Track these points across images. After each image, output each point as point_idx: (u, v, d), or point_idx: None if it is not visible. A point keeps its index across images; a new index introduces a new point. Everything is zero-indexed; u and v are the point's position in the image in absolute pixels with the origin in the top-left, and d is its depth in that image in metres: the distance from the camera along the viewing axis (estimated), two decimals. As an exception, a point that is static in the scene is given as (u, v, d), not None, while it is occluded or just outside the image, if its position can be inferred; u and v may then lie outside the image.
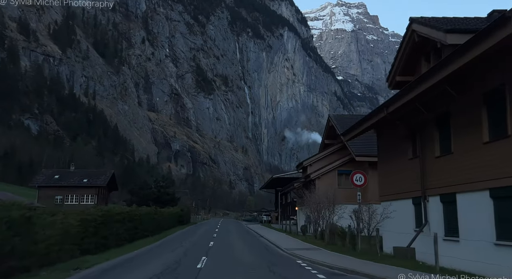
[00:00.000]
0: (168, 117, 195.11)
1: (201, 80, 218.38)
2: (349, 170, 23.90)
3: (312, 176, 29.67)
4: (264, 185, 70.40)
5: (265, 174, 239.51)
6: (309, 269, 11.71)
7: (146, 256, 15.05)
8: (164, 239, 24.18)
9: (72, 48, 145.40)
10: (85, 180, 56.27)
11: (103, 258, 13.39)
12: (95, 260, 12.59)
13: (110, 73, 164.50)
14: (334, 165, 29.87)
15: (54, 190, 53.93)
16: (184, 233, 30.85)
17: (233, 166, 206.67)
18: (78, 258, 12.46)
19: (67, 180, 56.04)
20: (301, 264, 12.79)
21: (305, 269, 11.82)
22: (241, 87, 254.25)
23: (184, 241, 22.22)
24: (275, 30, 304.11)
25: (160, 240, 23.00)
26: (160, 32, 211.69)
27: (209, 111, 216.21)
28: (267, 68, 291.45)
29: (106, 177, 58.24)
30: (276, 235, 28.03)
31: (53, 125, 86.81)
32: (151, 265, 12.28)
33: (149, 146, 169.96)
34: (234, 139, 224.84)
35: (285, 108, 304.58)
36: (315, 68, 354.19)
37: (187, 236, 26.43)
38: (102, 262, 12.45)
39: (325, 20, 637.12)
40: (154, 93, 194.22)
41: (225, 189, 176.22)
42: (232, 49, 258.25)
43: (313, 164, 31.85)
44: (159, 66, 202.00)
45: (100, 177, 57.72)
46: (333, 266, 11.77)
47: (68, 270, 10.47)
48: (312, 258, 13.69)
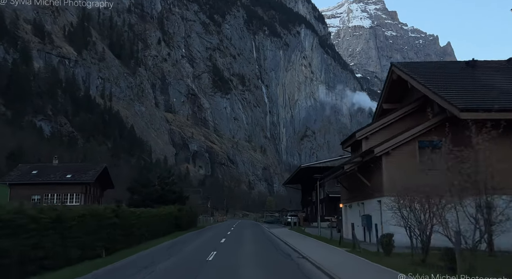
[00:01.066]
0: (185, 118, 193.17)
1: (217, 80, 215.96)
2: (436, 141, 13.04)
3: (376, 152, 18.81)
4: (289, 178, 61.56)
5: (285, 174, 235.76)
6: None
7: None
8: (110, 266, 13.50)
9: (87, 49, 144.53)
10: (69, 175, 46.77)
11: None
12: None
13: (126, 74, 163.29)
14: (412, 134, 18.80)
15: (30, 188, 44.59)
16: (166, 248, 19.67)
17: (252, 166, 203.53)
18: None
19: (47, 176, 46.52)
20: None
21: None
22: (258, 86, 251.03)
23: (141, 272, 11.97)
24: (291, 28, 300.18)
25: (101, 268, 12.88)
26: (176, 32, 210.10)
27: (226, 111, 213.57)
28: (285, 67, 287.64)
29: (96, 171, 48.49)
30: (328, 252, 16.52)
31: (67, 127, 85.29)
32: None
33: (167, 147, 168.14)
34: (252, 139, 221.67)
35: (304, 107, 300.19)
36: (334, 66, 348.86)
37: (160, 257, 15.49)
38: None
39: (342, 18, 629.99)
40: (171, 94, 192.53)
41: (244, 189, 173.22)
42: (248, 48, 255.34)
43: (371, 136, 21.89)
44: (176, 66, 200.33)
45: (87, 172, 47.95)
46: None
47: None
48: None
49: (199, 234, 32.76)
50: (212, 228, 43.48)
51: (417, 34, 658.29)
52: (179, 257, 16.02)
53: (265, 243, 22.80)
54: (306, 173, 43.21)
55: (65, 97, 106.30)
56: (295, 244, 19.79)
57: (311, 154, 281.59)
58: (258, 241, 24.92)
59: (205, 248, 19.02)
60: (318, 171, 35.77)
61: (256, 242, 24.18)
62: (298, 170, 47.98)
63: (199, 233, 33.73)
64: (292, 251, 17.36)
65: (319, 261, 12.95)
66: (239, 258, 15.48)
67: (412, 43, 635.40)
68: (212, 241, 23.99)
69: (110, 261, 14.35)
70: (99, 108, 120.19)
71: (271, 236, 29.36)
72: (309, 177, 39.85)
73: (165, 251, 17.92)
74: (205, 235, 31.23)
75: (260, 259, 15.33)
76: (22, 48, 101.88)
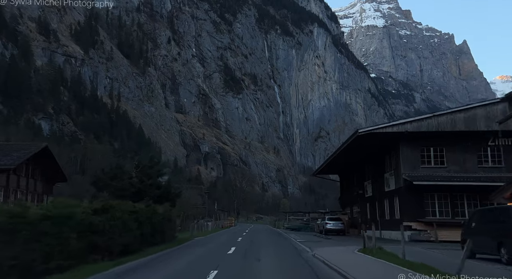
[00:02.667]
0: (196, 119, 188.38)
1: (229, 79, 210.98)
2: None
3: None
4: (331, 157, 38.71)
5: (299, 176, 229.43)
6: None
7: None
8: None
9: (95, 49, 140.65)
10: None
11: None
12: None
13: (136, 74, 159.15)
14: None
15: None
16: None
17: (265, 168, 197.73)
18: None
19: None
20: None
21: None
22: (270, 86, 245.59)
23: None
24: (304, 27, 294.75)
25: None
26: (186, 32, 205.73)
27: (238, 111, 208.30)
28: (297, 66, 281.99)
29: (24, 153, 31.59)
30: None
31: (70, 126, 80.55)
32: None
33: (177, 149, 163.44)
34: (265, 140, 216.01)
35: (317, 107, 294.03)
36: (347, 65, 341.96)
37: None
38: None
39: (354, 18, 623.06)
40: (181, 94, 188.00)
41: (257, 191, 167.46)
42: (260, 47, 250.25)
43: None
44: (186, 66, 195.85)
45: (10, 154, 30.99)
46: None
47: None
48: None
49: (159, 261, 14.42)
50: (200, 244, 23.21)
51: (432, 33, 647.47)
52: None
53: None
54: (362, 146, 29.20)
55: (69, 96, 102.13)
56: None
57: (326, 155, 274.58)
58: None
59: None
60: (386, 139, 25.03)
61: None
62: (353, 138, 27.81)
63: (167, 256, 16.26)
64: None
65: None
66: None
67: (427, 42, 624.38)
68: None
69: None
70: (105, 108, 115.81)
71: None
72: (365, 156, 29.65)
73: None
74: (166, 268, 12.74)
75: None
76: (22, 44, 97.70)
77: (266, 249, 19.72)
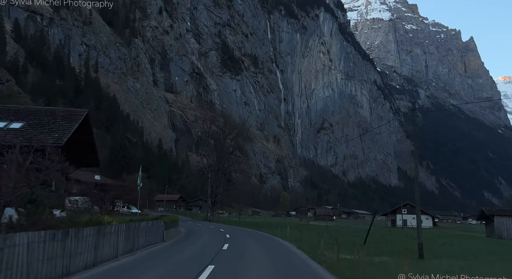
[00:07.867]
0: (188, 100, 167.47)
1: (227, 59, 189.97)
2: None
3: None
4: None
5: (300, 169, 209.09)
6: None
7: None
8: None
9: (69, 9, 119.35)
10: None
11: None
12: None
13: (119, 44, 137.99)
14: None
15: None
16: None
17: (264, 158, 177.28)
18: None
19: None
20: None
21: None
22: (272, 70, 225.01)
23: None
24: (310, 10, 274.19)
25: None
26: (180, 3, 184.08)
27: (236, 94, 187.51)
28: (301, 52, 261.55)
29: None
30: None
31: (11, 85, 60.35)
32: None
33: (165, 131, 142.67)
34: (265, 127, 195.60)
35: (321, 97, 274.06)
36: (354, 54, 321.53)
37: None
38: None
39: (360, 10, 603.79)
40: (173, 71, 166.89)
41: (255, 182, 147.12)
42: (262, 28, 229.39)
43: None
44: (179, 41, 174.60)
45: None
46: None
47: None
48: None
49: None
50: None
51: (439, 28, 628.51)
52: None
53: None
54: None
55: (24, 55, 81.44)
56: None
57: (328, 148, 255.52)
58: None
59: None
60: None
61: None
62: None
63: None
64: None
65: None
66: None
67: (433, 37, 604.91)
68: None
69: None
70: (73, 74, 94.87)
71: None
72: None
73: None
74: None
75: None
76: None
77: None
